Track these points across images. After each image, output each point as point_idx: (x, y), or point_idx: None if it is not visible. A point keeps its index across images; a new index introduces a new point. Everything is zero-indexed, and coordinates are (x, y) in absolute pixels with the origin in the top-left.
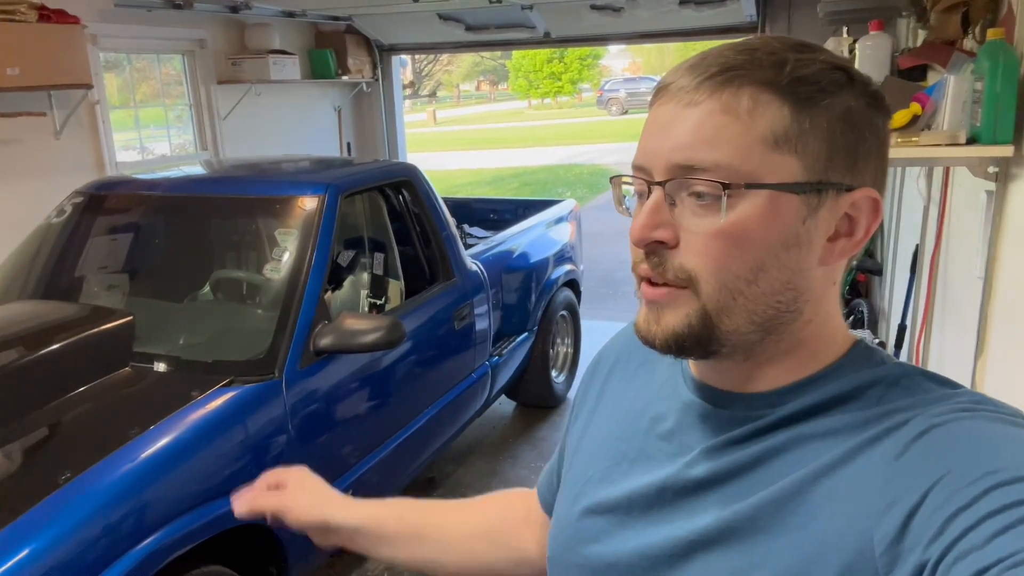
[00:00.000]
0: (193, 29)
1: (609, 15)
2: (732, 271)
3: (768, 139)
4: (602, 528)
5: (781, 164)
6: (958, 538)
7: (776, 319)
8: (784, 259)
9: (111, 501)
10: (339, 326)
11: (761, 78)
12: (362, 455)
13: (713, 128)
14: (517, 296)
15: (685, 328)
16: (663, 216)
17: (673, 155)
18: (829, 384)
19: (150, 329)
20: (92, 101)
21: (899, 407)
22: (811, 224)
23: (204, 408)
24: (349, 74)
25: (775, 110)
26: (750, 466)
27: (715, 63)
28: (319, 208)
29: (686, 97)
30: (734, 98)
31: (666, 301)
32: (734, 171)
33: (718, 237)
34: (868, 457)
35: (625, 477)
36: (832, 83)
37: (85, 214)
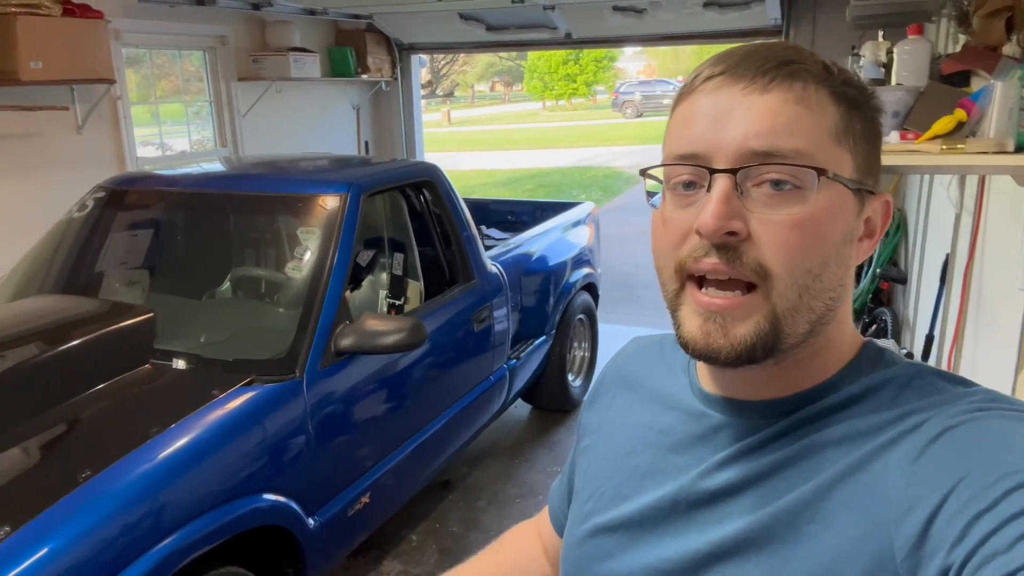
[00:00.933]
0: (215, 25)
1: (631, 16)
2: (804, 265)
3: (833, 134)
4: (615, 544)
5: (843, 160)
6: (981, 542)
7: (824, 317)
8: (842, 254)
9: (131, 500)
10: (361, 327)
11: (819, 75)
12: (380, 457)
13: (790, 116)
14: (535, 299)
15: (755, 337)
16: (735, 205)
17: (749, 141)
18: (842, 387)
19: (170, 325)
20: (114, 96)
21: (914, 409)
22: (858, 221)
23: (224, 407)
24: (368, 73)
25: (833, 107)
26: (765, 475)
27: (774, 56)
28: (341, 207)
29: (756, 83)
30: (804, 90)
31: (736, 310)
32: (812, 160)
33: (798, 228)
34: (885, 462)
35: (637, 492)
36: (865, 92)
37: (106, 209)
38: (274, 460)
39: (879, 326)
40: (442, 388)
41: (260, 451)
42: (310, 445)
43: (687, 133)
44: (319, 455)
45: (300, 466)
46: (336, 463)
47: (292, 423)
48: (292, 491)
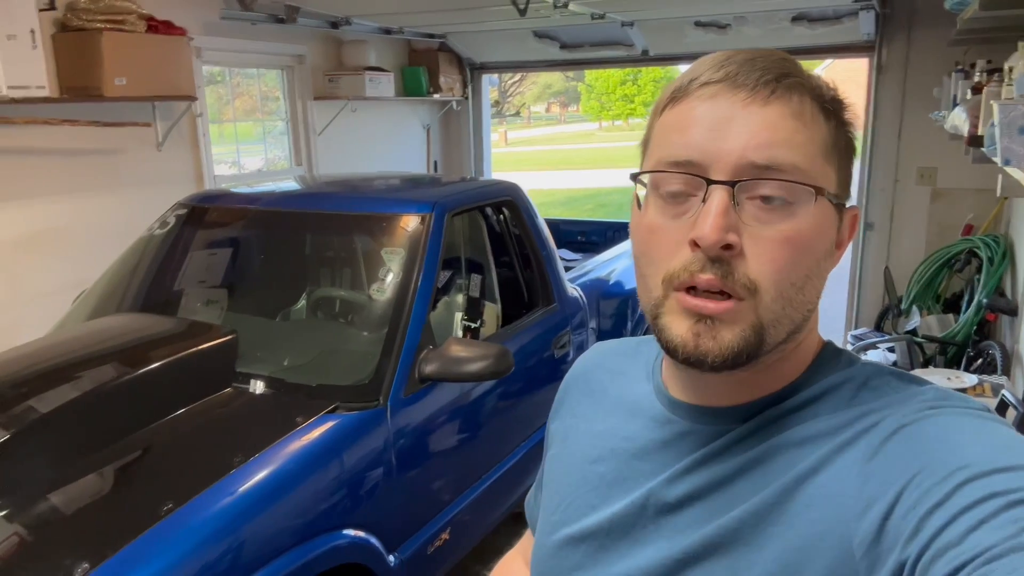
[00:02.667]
0: (293, 44)
1: (714, 32)
2: (790, 279)
3: (824, 149)
4: (585, 555)
5: (829, 176)
6: (934, 535)
7: (801, 326)
8: (823, 267)
9: (213, 536)
10: (445, 353)
11: (812, 89)
12: (459, 491)
13: (789, 131)
14: (613, 323)
15: (742, 343)
16: (732, 218)
17: (749, 154)
18: (802, 388)
19: (248, 347)
20: (195, 114)
21: (870, 408)
22: (835, 235)
23: (308, 436)
24: (440, 92)
25: (822, 122)
26: (729, 479)
27: (773, 67)
28: (426, 227)
29: (749, 96)
30: (800, 104)
31: (726, 315)
32: (807, 176)
33: (788, 244)
34: (843, 461)
35: (605, 501)
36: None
37: (187, 226)
38: (355, 493)
39: (986, 360)
40: (521, 417)
41: (341, 483)
42: (391, 477)
43: (682, 139)
44: (400, 488)
45: (381, 499)
46: (417, 496)
47: (374, 453)
48: (373, 526)
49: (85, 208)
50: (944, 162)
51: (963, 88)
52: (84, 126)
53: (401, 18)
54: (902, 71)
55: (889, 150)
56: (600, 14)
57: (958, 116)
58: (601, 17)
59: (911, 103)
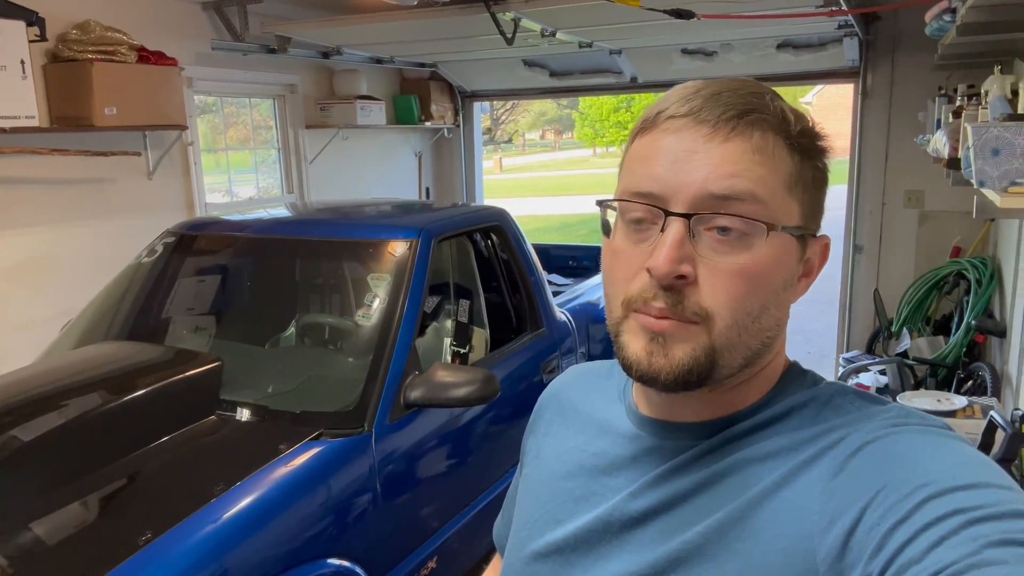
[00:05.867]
0: (285, 74)
1: (701, 59)
2: (745, 309)
3: (786, 183)
4: (551, 570)
5: (792, 209)
6: (897, 552)
7: (760, 353)
8: (781, 298)
9: (192, 567)
10: (431, 378)
11: (777, 125)
12: (446, 518)
13: (749, 165)
14: (602, 348)
15: (692, 363)
16: (687, 249)
17: (708, 186)
18: (768, 406)
19: (234, 374)
20: (186, 143)
21: (833, 426)
22: (798, 267)
23: (292, 463)
24: (431, 120)
25: (787, 157)
26: (692, 493)
27: (738, 103)
28: (412, 253)
29: (711, 131)
30: (763, 139)
31: (677, 333)
32: (766, 210)
33: (741, 275)
34: (807, 477)
35: (571, 516)
36: (817, 140)
37: (175, 254)
38: (339, 521)
39: (976, 382)
40: (509, 443)
41: (326, 512)
42: (376, 505)
43: (646, 171)
44: (385, 516)
45: (366, 528)
46: (402, 524)
47: (359, 481)
48: (357, 555)
49: (75, 237)
50: (930, 185)
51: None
52: (74, 155)
53: (392, 48)
54: (887, 96)
55: (876, 174)
56: (588, 43)
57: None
58: (589, 46)
59: (896, 127)
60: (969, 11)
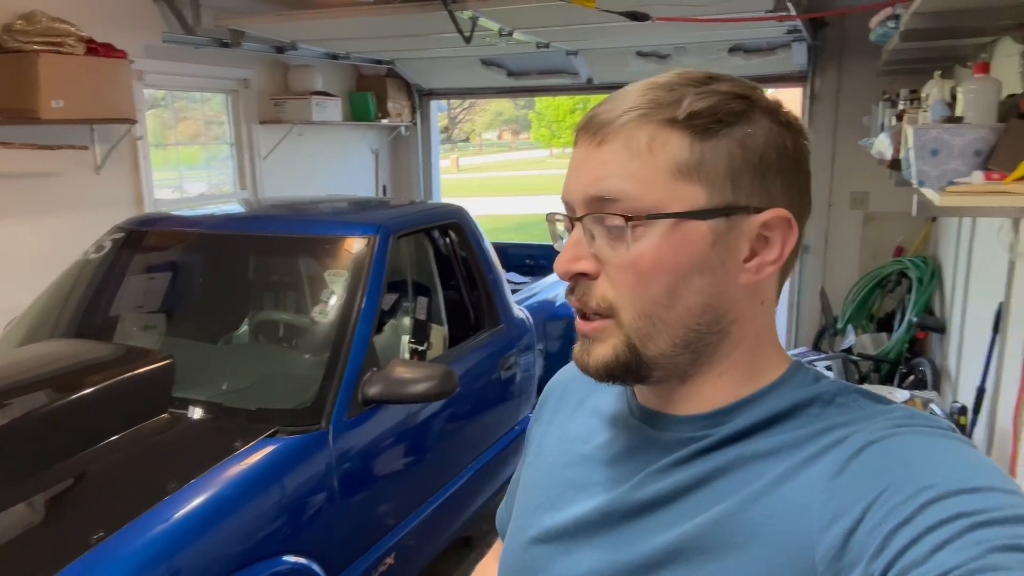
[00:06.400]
0: (238, 68)
1: (655, 62)
2: (647, 298)
3: (671, 170)
4: (549, 556)
5: (686, 193)
6: (899, 554)
7: (700, 341)
8: (697, 283)
9: (145, 565)
10: (389, 374)
11: (659, 117)
12: (404, 515)
13: (617, 164)
14: (559, 344)
15: (613, 358)
16: (584, 249)
17: (587, 189)
18: (768, 403)
19: (188, 372)
20: (135, 137)
21: (836, 424)
22: (721, 248)
23: (247, 461)
24: (388, 117)
25: (675, 143)
26: (693, 487)
27: (618, 106)
28: (370, 249)
29: (596, 138)
30: (635, 136)
31: (594, 334)
32: (639, 202)
33: (629, 267)
34: (808, 475)
35: (571, 504)
36: (731, 113)
37: (124, 250)
38: (296, 518)
39: (918, 377)
40: (468, 439)
41: (282, 509)
42: (334, 502)
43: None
44: (343, 512)
45: (323, 525)
46: (360, 521)
47: (316, 478)
48: (314, 552)
49: (20, 232)
50: (875, 187)
51: (889, 116)
52: (19, 149)
53: (348, 44)
54: (834, 100)
55: (823, 176)
56: (545, 43)
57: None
58: (546, 46)
59: (843, 131)
60: (912, 18)
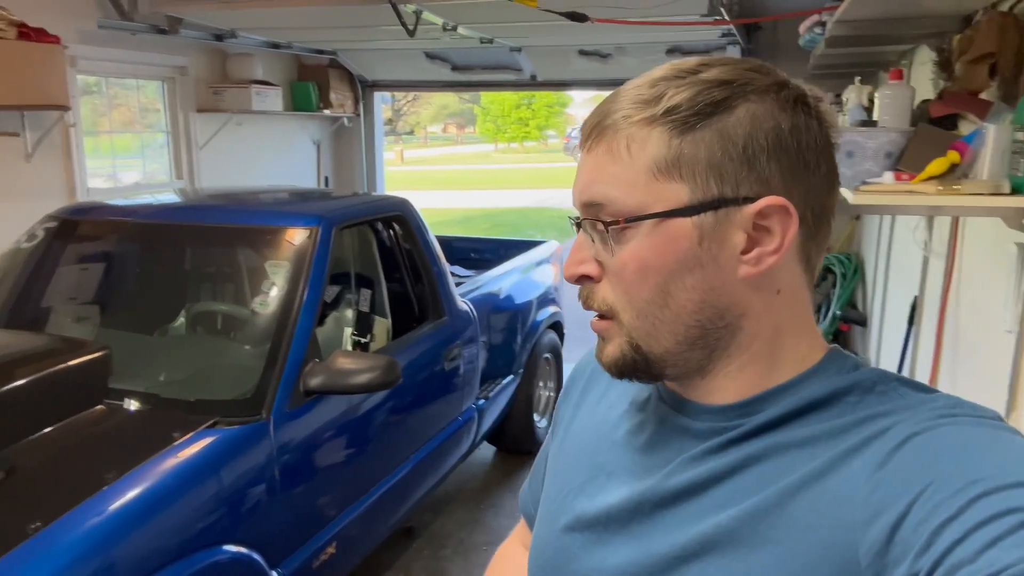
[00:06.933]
0: (175, 56)
1: (596, 61)
2: (641, 298)
3: (651, 169)
4: (581, 545)
5: (667, 192)
6: (947, 551)
7: (707, 337)
8: (689, 281)
9: (84, 555)
10: (331, 365)
11: (637, 117)
12: (346, 504)
13: (600, 169)
14: (503, 337)
15: (620, 357)
16: (586, 252)
17: (581, 195)
18: (803, 391)
19: (124, 363)
20: (67, 124)
21: (877, 413)
22: (710, 243)
23: (186, 452)
24: (331, 108)
25: (653, 142)
26: (727, 475)
27: (600, 112)
28: (312, 240)
29: (587, 143)
30: (616, 139)
31: (603, 333)
32: (622, 205)
33: (624, 269)
34: (849, 467)
35: (602, 491)
36: (710, 103)
37: (57, 240)
38: (236, 509)
39: None
40: (411, 430)
41: (222, 499)
42: (274, 492)
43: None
44: (284, 503)
45: (264, 515)
46: (301, 511)
47: (256, 468)
48: (255, 542)
49: None
50: None
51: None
52: None
53: (289, 33)
54: None
55: None
56: (489, 39)
57: None
58: (490, 42)
59: None
60: (835, 25)
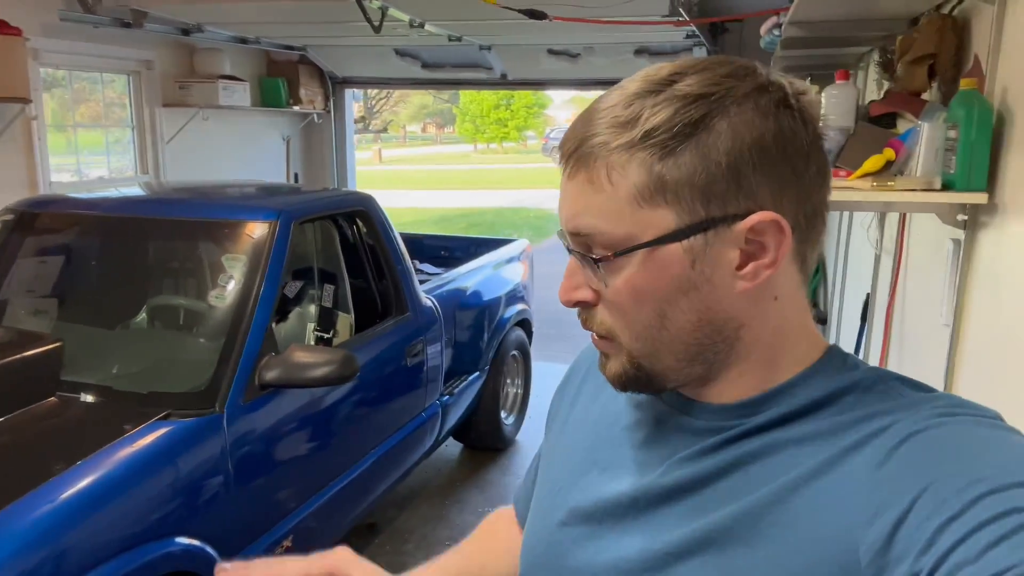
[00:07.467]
0: (140, 49)
1: (565, 60)
2: (639, 323)
3: (635, 198)
4: (574, 540)
5: (653, 218)
6: (949, 550)
7: (707, 351)
8: (684, 303)
9: (31, 544)
10: (288, 359)
11: (615, 144)
12: (303, 499)
13: (584, 200)
14: (470, 334)
15: (624, 373)
16: (579, 278)
17: (567, 224)
18: (803, 390)
19: (81, 357)
20: (29, 117)
21: (877, 412)
22: (704, 265)
23: (137, 443)
24: (300, 104)
25: (634, 168)
26: (725, 472)
27: (577, 136)
28: (271, 234)
29: (567, 167)
30: (595, 168)
31: (606, 352)
32: (610, 236)
33: (619, 297)
34: (849, 465)
35: (596, 486)
36: (688, 123)
37: (15, 233)
38: (189, 501)
39: None
40: (371, 425)
41: (174, 491)
42: (228, 485)
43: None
44: (238, 496)
45: (217, 508)
46: (256, 504)
47: (210, 461)
48: (208, 535)
49: None
50: None
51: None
52: None
53: (257, 28)
54: None
55: None
56: (457, 37)
57: None
58: (458, 40)
59: None
60: (788, 27)
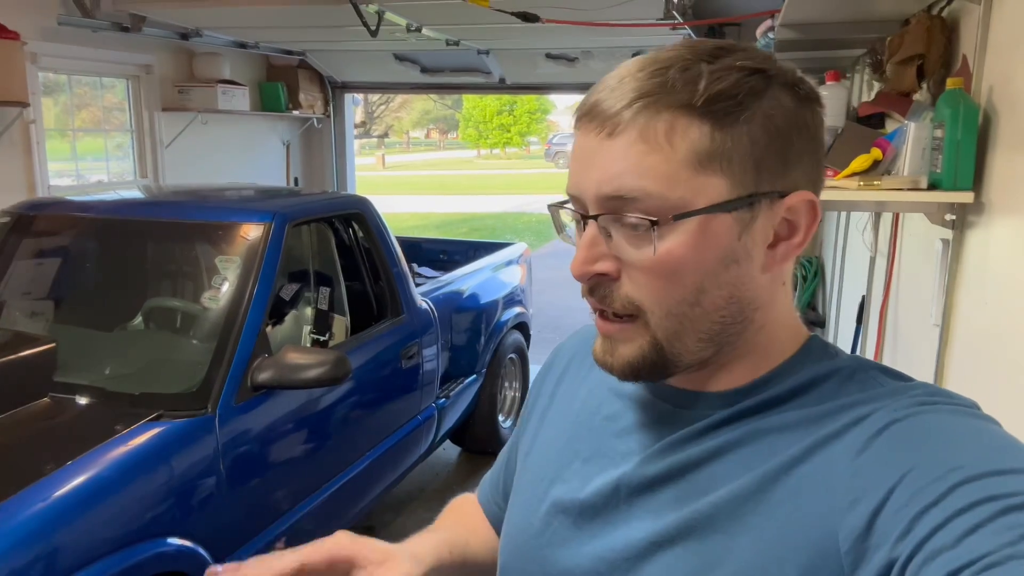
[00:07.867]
0: (140, 54)
1: (563, 64)
2: (675, 298)
3: (692, 162)
4: (556, 532)
5: (708, 185)
6: (927, 537)
7: (724, 332)
8: (724, 277)
9: (21, 543)
10: (280, 360)
11: (676, 102)
12: (297, 501)
13: (635, 158)
14: (466, 337)
15: (639, 358)
16: (601, 249)
17: (602, 187)
18: (785, 378)
19: (76, 358)
20: (27, 120)
21: (856, 400)
22: (747, 238)
23: (128, 444)
24: (300, 109)
25: (695, 132)
26: (706, 461)
27: (630, 90)
28: (264, 237)
29: (604, 128)
30: (651, 126)
31: (620, 335)
32: (662, 199)
33: (655, 269)
34: (829, 453)
35: (578, 477)
36: (750, 93)
37: (12, 235)
38: (181, 502)
39: None
40: (366, 427)
41: (166, 492)
42: (221, 486)
43: (570, 172)
44: (231, 497)
45: (210, 509)
46: (249, 506)
47: (202, 462)
48: (200, 536)
49: None
50: None
51: None
52: None
53: (256, 32)
54: None
55: None
56: (455, 41)
57: None
58: (456, 44)
59: None
60: (780, 29)
